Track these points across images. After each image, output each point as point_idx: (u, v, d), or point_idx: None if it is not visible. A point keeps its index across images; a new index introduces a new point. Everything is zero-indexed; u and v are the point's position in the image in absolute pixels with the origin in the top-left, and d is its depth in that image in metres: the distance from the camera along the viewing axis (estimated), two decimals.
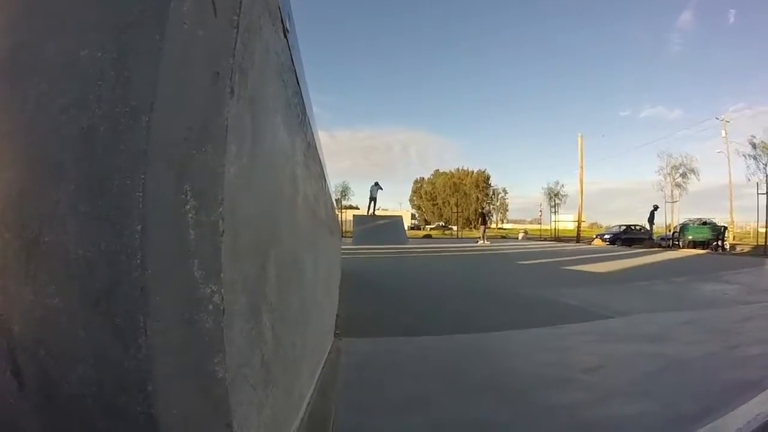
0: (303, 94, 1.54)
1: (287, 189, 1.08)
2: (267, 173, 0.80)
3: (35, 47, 0.68)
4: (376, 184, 13.33)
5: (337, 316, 3.34)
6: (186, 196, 0.50)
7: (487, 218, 24.91)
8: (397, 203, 78.49)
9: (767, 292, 6.13)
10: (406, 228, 20.64)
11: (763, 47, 70.57)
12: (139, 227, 0.47)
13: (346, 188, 48.83)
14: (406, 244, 15.11)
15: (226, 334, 0.51)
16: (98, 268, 0.48)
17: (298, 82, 1.39)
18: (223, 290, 0.50)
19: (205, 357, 0.48)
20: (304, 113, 1.52)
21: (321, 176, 2.33)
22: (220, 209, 0.52)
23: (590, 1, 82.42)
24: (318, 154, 2.16)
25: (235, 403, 0.52)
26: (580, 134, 31.70)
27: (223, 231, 0.52)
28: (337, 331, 2.99)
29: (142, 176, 0.49)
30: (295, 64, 1.29)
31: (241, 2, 0.68)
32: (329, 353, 2.31)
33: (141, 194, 0.48)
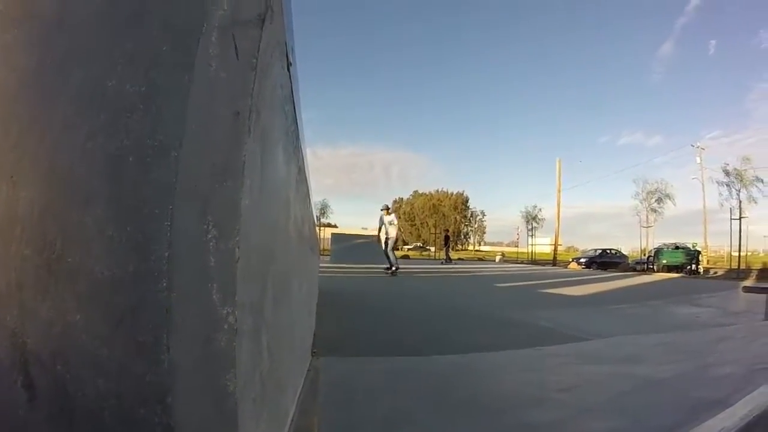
0: (298, 120, 1.61)
1: (282, 213, 1.14)
2: (269, 201, 0.86)
3: (61, 70, 0.73)
4: (387, 207, 12.47)
5: (314, 334, 3.36)
6: (208, 227, 0.56)
7: (450, 239, 25.33)
8: (376, 223, 78.51)
9: (738, 315, 6.34)
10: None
11: (741, 77, 74.11)
12: (166, 254, 0.52)
13: (326, 206, 48.76)
14: (383, 263, 15.16)
15: (237, 352, 0.56)
16: (124, 289, 0.53)
17: (295, 111, 1.46)
18: (236, 312, 0.56)
19: (219, 373, 0.53)
20: (298, 139, 1.59)
21: (307, 196, 2.39)
22: (237, 238, 0.58)
23: (573, 29, 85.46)
24: (306, 177, 2.22)
25: (241, 416, 0.56)
26: (558, 159, 32.58)
27: (239, 258, 0.58)
28: (315, 350, 3.01)
29: (170, 207, 0.54)
30: (294, 95, 1.36)
31: (259, 45, 0.74)
32: (308, 371, 2.34)
33: (169, 224, 0.53)
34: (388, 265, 11.74)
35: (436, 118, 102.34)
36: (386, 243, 12.02)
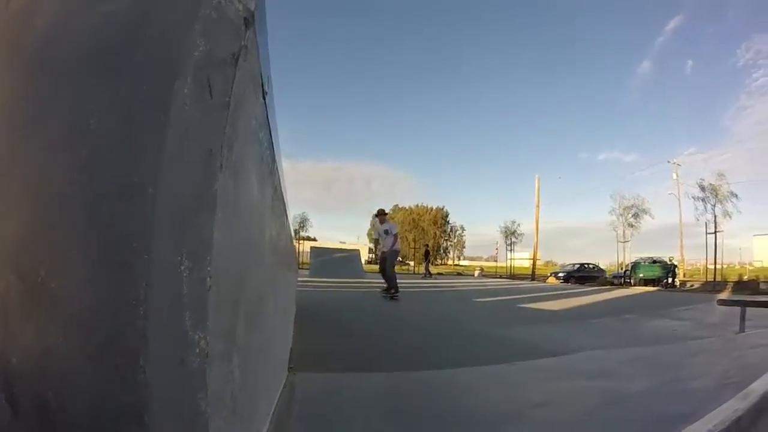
0: (274, 142, 1.66)
1: (257, 236, 1.19)
2: (242, 228, 0.91)
3: (46, 108, 0.78)
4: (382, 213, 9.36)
5: (291, 349, 3.37)
6: (182, 258, 0.61)
7: (430, 253, 25.55)
8: (355, 237, 78.55)
9: (714, 327, 6.55)
10: (363, 262, 20.76)
11: (717, 96, 77.07)
12: (143, 284, 0.57)
13: (305, 219, 48.52)
14: (363, 278, 15.16)
15: (209, 373, 0.61)
16: (104, 315, 0.58)
17: (271, 135, 1.51)
18: (208, 336, 0.61)
19: (191, 393, 0.58)
20: (274, 161, 1.64)
21: (283, 213, 2.43)
22: (209, 268, 0.63)
23: (555, 45, 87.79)
24: (282, 194, 2.27)
25: None
26: (537, 176, 33.27)
27: (210, 286, 0.63)
28: (291, 365, 3.02)
29: (148, 241, 0.59)
30: (270, 120, 1.42)
31: (233, 83, 0.80)
32: (284, 387, 2.36)
33: (147, 256, 0.59)
34: (387, 286, 9.28)
35: (417, 132, 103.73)
36: (383, 258, 9.41)
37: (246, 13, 0.87)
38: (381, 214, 9.62)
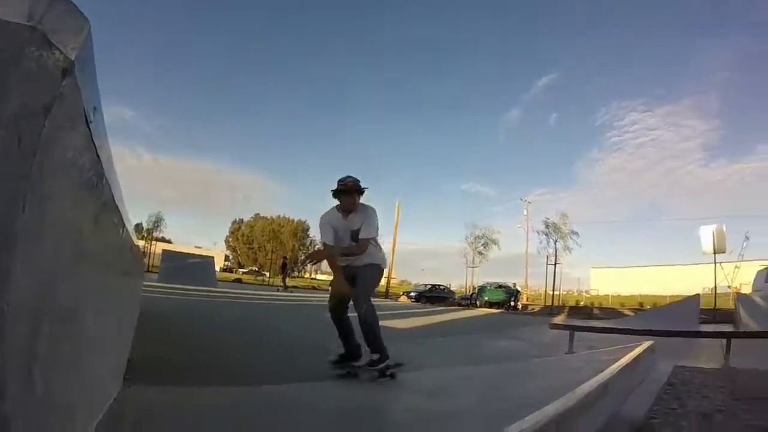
0: (100, 152, 1.65)
1: (70, 257, 1.25)
2: (51, 255, 1.00)
3: None
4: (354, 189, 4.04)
5: (129, 360, 3.24)
6: None
7: (287, 266, 25.46)
8: (212, 243, 74.74)
9: (546, 347, 7.35)
10: (217, 270, 19.92)
11: (573, 147, 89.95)
12: None
13: (161, 219, 44.64)
14: (215, 287, 14.53)
15: (6, 390, 0.73)
16: None
17: (96, 151, 1.55)
18: (3, 355, 0.73)
19: None
20: (102, 176, 1.67)
21: (121, 223, 2.38)
22: (7, 297, 0.75)
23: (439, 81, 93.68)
24: (117, 204, 2.23)
25: None
26: (398, 203, 35.27)
27: (8, 313, 0.75)
28: (128, 376, 2.92)
29: None
30: (94, 139, 1.47)
31: (41, 131, 0.91)
32: (114, 401, 2.30)
33: None
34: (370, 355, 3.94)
35: (287, 139, 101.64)
36: (353, 285, 4.01)
37: (66, 63, 0.97)
38: (354, 191, 4.04)
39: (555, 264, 23.36)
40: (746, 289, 21.52)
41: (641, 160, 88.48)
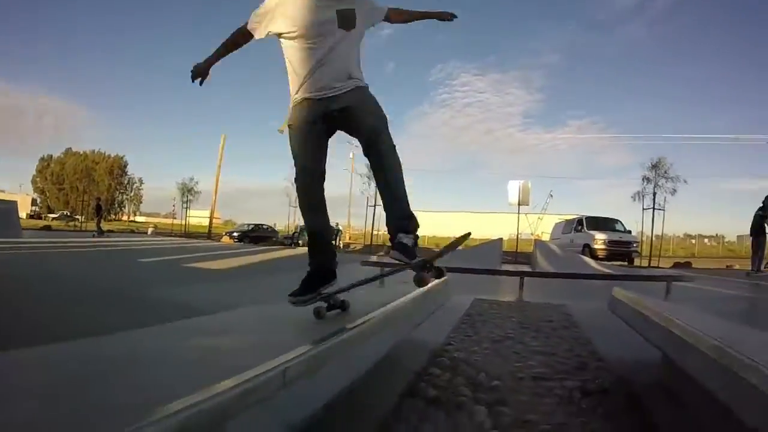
0: None
1: None
2: None
3: None
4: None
5: None
6: None
7: (102, 208, 22.24)
8: (17, 184, 60.89)
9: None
10: (23, 216, 16.24)
11: (406, 98, 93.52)
12: None
13: None
14: (19, 237, 11.92)
15: None
16: None
17: None
18: None
19: None
20: None
21: None
22: None
23: None
24: None
25: None
26: (223, 135, 33.02)
27: None
28: None
29: None
30: None
31: None
32: None
33: None
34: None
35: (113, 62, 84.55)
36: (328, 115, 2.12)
37: None
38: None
39: (375, 206, 24.75)
40: (546, 237, 26.39)
41: (467, 118, 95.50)
